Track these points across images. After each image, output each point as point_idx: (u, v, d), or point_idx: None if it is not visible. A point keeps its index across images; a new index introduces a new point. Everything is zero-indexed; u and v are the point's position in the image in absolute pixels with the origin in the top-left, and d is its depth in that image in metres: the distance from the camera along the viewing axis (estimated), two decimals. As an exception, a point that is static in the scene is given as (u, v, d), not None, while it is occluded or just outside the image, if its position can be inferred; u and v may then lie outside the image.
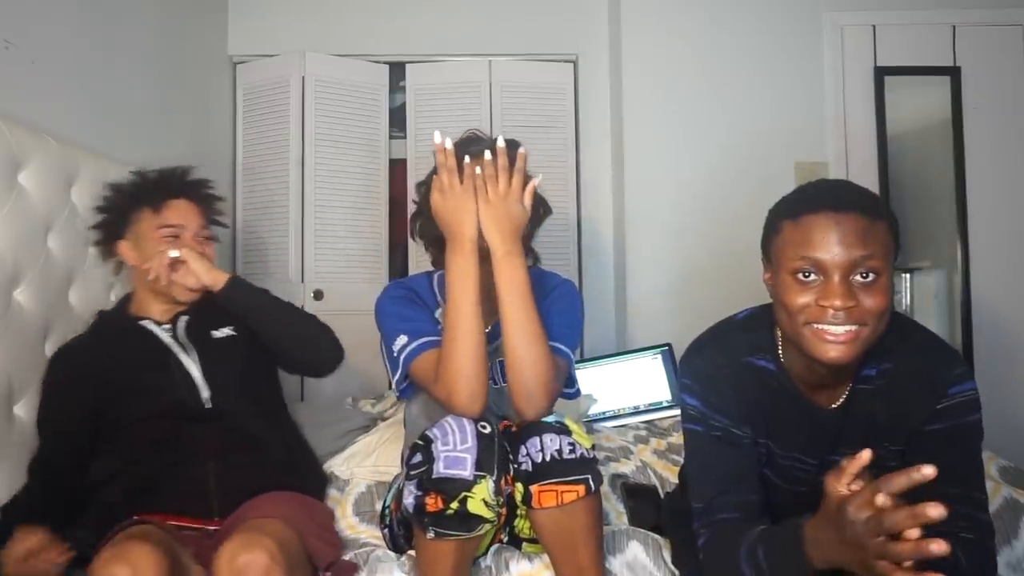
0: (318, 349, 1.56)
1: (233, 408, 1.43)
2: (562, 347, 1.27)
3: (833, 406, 1.05)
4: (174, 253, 1.47)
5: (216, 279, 1.50)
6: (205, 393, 1.42)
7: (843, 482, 0.79)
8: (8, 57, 1.67)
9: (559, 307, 1.29)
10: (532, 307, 1.20)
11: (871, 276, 0.91)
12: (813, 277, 0.93)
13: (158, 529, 1.20)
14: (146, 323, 1.51)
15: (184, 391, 1.41)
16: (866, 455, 0.79)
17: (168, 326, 1.51)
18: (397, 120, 3.20)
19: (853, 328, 0.91)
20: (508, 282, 1.20)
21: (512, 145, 1.24)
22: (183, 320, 1.52)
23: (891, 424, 1.03)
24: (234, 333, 1.53)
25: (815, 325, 0.93)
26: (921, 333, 1.06)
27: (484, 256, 1.27)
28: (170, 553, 1.10)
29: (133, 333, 1.49)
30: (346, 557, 1.31)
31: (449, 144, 1.20)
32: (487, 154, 1.21)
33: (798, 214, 0.95)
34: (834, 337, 0.92)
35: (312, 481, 1.57)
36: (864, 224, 0.91)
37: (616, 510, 1.51)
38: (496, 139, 1.25)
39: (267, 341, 1.52)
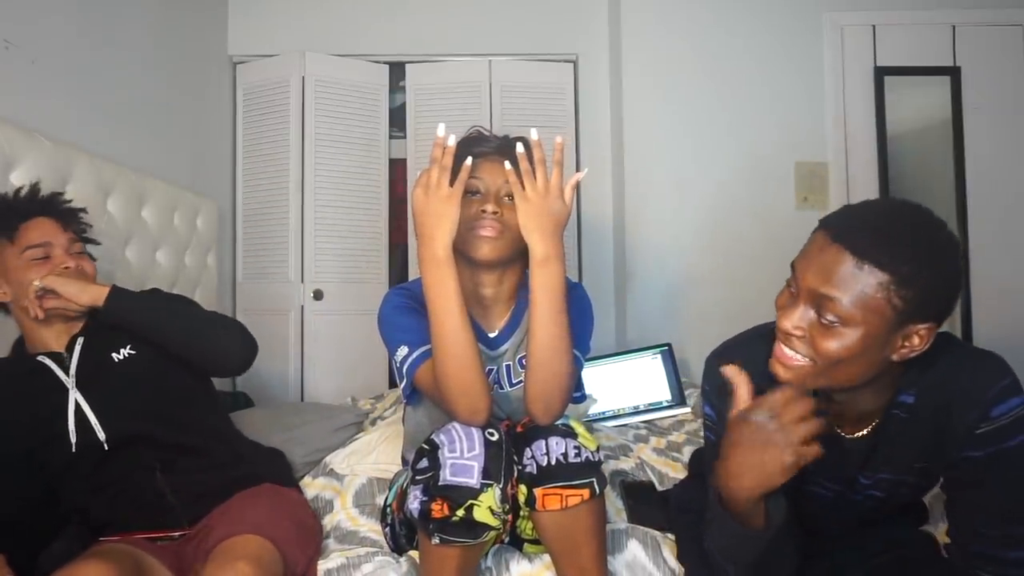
0: (217, 352, 1.40)
1: (152, 432, 1.35)
2: (576, 353, 1.24)
3: (863, 432, 0.97)
4: (38, 283, 1.31)
5: (94, 296, 1.33)
6: (101, 435, 1.31)
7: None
8: (8, 57, 1.67)
9: (573, 313, 1.23)
10: (565, 318, 1.14)
11: (834, 322, 0.83)
12: (793, 288, 0.88)
13: (123, 545, 1.18)
14: (43, 359, 1.37)
15: (82, 434, 1.31)
16: None
17: (66, 354, 1.38)
18: (397, 120, 3.21)
19: (798, 357, 0.87)
20: (544, 290, 1.13)
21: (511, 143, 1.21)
22: (79, 345, 1.38)
23: (927, 448, 0.96)
24: (134, 352, 1.40)
25: (778, 336, 0.90)
26: (960, 347, 0.96)
27: (489, 263, 1.27)
28: (131, 568, 1.08)
29: (30, 376, 1.35)
30: (345, 553, 1.31)
31: (452, 142, 1.13)
32: (519, 147, 1.14)
33: (819, 225, 0.88)
34: (779, 356, 0.88)
35: (273, 466, 1.53)
36: (848, 266, 0.81)
37: (616, 507, 1.51)
38: (516, 135, 1.20)
39: (164, 349, 1.40)
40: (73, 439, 1.30)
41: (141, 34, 2.30)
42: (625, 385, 2.25)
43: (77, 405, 1.33)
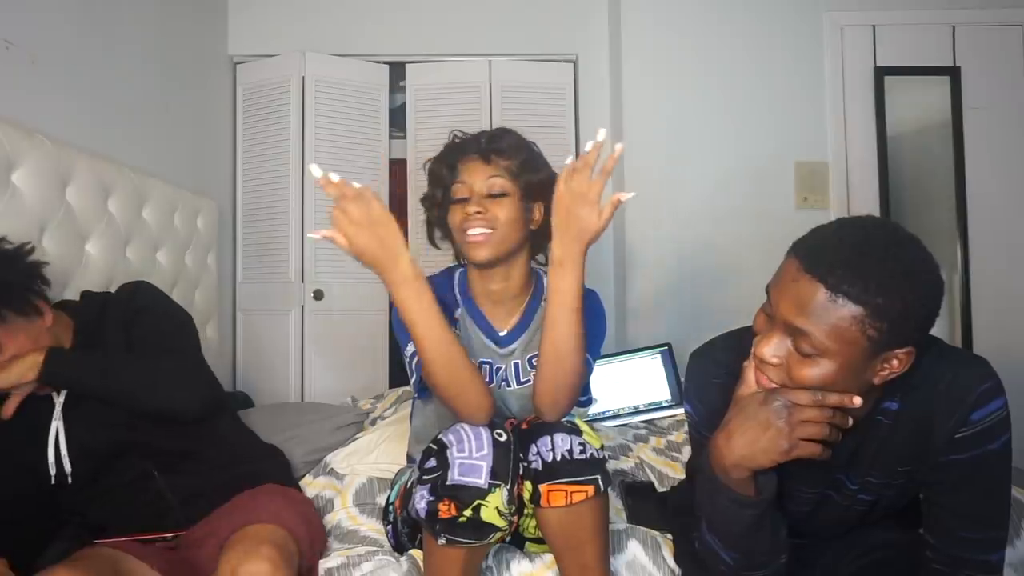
0: (165, 409, 1.30)
1: (148, 440, 1.33)
2: (587, 356, 1.24)
3: (844, 439, 0.94)
4: None
5: (24, 373, 1.21)
6: (67, 468, 1.27)
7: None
8: (8, 57, 1.67)
9: (586, 318, 1.21)
10: (577, 321, 1.13)
11: (810, 353, 0.82)
12: (771, 313, 0.87)
13: (105, 550, 1.17)
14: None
15: (56, 467, 1.27)
16: None
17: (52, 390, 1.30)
18: (397, 120, 3.21)
19: (771, 382, 0.87)
20: (556, 292, 1.12)
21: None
22: None
23: (911, 453, 0.96)
24: None
25: (754, 360, 0.90)
26: (943, 352, 0.94)
27: (487, 264, 1.28)
28: (107, 574, 1.08)
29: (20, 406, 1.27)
30: (345, 552, 1.31)
31: (336, 177, 1.02)
32: (601, 133, 1.05)
33: (791, 249, 0.87)
34: (759, 378, 0.89)
35: (272, 466, 1.54)
36: (820, 299, 0.80)
37: (615, 507, 1.51)
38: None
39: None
40: (52, 471, 1.27)
41: (141, 34, 2.30)
42: (625, 385, 2.25)
43: (56, 440, 1.28)
